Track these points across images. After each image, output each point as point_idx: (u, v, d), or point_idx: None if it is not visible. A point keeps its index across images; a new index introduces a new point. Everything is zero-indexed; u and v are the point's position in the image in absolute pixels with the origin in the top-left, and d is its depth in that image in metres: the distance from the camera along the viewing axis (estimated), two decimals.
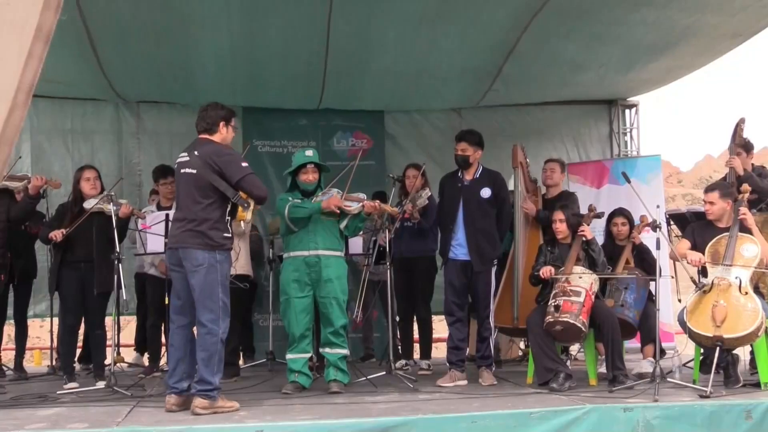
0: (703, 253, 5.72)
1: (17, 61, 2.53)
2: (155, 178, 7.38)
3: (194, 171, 4.97)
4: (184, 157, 5.08)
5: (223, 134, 5.15)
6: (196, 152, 5.02)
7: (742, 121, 6.55)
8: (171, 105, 8.76)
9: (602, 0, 6.91)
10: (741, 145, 6.48)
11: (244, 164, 5.06)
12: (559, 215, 6.15)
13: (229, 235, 5.03)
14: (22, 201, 6.40)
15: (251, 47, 7.28)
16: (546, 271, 5.93)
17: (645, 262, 6.45)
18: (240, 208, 5.04)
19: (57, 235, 6.14)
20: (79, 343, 7.25)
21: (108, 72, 7.80)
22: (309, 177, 5.95)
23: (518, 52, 7.82)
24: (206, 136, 5.12)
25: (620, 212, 6.72)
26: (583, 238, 6.03)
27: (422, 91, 8.57)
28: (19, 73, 2.52)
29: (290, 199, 5.92)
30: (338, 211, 5.76)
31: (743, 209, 5.75)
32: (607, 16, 7.20)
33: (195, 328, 5.04)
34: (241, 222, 5.14)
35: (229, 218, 5.03)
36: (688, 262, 5.72)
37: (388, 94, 8.64)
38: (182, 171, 5.04)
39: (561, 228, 6.12)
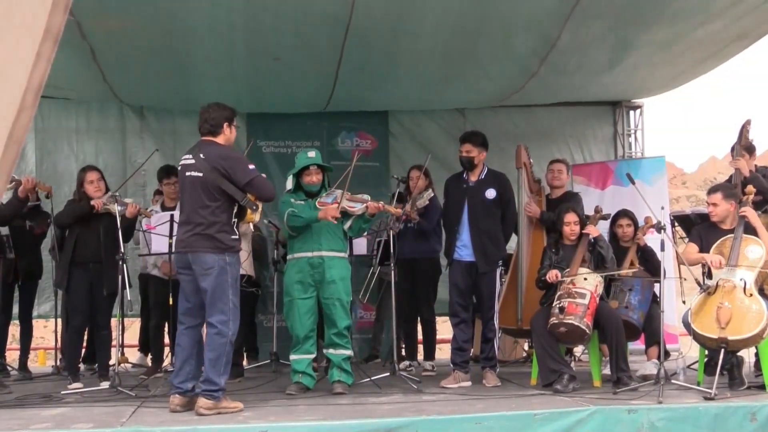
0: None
1: (26, 62, 2.53)
2: (159, 178, 7.39)
3: (200, 174, 4.95)
4: (188, 160, 5.05)
5: (227, 135, 5.14)
6: (201, 155, 5.00)
7: (748, 122, 6.53)
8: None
9: (610, 26, 6.92)
10: (744, 146, 6.47)
11: (251, 166, 5.06)
12: (572, 217, 6.12)
13: (237, 237, 5.05)
14: (9, 203, 6.39)
15: (255, 55, 7.26)
16: (552, 275, 5.92)
17: (649, 264, 6.44)
18: (249, 211, 5.03)
19: (98, 203, 6.15)
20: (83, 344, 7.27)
21: (110, 81, 7.81)
22: (312, 179, 5.94)
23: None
24: (210, 138, 5.10)
25: (624, 213, 6.71)
26: (591, 239, 6.02)
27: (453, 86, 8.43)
28: (28, 74, 2.52)
29: (292, 200, 5.93)
30: (335, 221, 5.75)
31: (745, 207, 5.73)
32: (613, 42, 7.21)
33: (204, 329, 5.05)
34: (250, 223, 5.15)
35: (236, 220, 5.03)
36: (709, 264, 5.69)
37: (405, 90, 8.46)
38: (187, 174, 5.02)
39: (576, 230, 6.09)
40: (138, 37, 6.66)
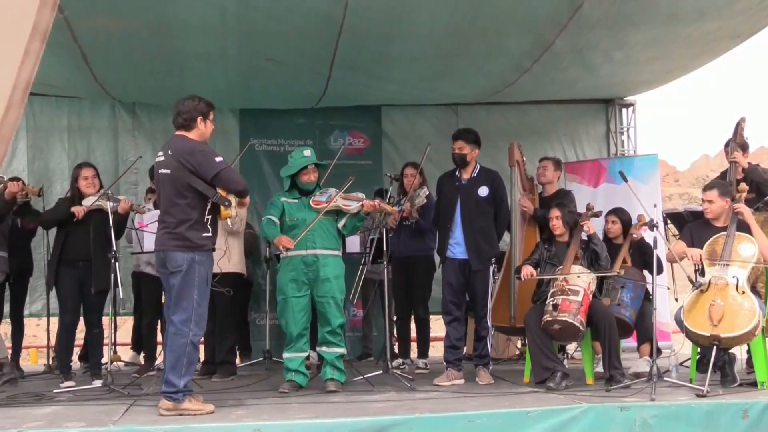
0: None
1: (14, 59, 2.50)
2: (151, 176, 7.38)
3: (169, 171, 4.86)
4: (160, 157, 4.98)
5: (201, 130, 4.99)
6: (170, 151, 4.90)
7: (743, 120, 6.53)
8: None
9: (605, 33, 6.94)
10: (739, 144, 6.48)
11: (218, 159, 4.91)
12: (555, 212, 6.15)
13: (209, 234, 4.91)
14: None
15: (248, 54, 7.23)
16: (526, 273, 5.94)
17: (647, 255, 6.40)
18: (222, 207, 4.89)
19: (79, 210, 6.12)
20: (79, 342, 7.25)
21: (101, 80, 7.79)
22: (310, 177, 5.97)
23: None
24: (182, 132, 4.97)
25: (612, 211, 6.73)
26: (585, 236, 6.03)
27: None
28: (16, 71, 2.50)
29: (284, 199, 5.98)
30: (284, 251, 5.74)
31: (739, 204, 5.74)
32: (607, 44, 7.23)
33: None
34: (228, 220, 5.03)
35: (210, 217, 4.90)
36: (689, 259, 5.71)
37: (398, 86, 8.41)
38: (160, 171, 4.95)
39: (557, 224, 6.12)
40: (129, 35, 6.61)
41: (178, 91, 7.92)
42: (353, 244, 7.28)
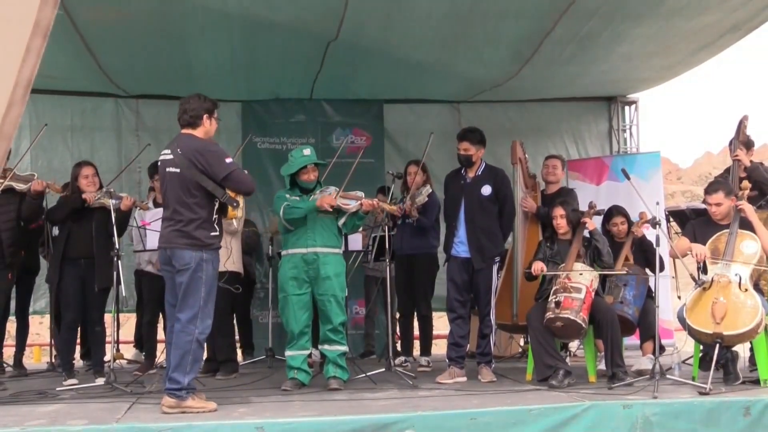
0: None
1: (15, 57, 2.51)
2: (150, 175, 7.37)
3: (178, 170, 4.89)
4: (167, 155, 4.99)
5: (207, 127, 5.05)
6: (179, 149, 4.92)
7: (745, 118, 6.54)
8: (170, 101, 8.70)
9: (605, 22, 6.94)
10: (743, 142, 6.48)
11: (228, 160, 4.96)
12: (559, 211, 6.15)
13: (217, 233, 4.95)
14: (26, 202, 6.39)
15: (250, 36, 7.17)
16: (537, 268, 5.93)
17: (648, 253, 6.40)
18: (230, 207, 4.93)
19: (90, 197, 6.12)
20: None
21: (105, 68, 7.72)
22: (310, 176, 5.96)
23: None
24: (189, 130, 5.02)
25: (618, 211, 6.71)
26: (586, 233, 6.03)
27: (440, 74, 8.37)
28: (17, 69, 2.51)
29: (287, 196, 5.95)
30: (331, 210, 5.75)
31: (741, 202, 5.72)
32: (608, 36, 7.22)
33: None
34: (233, 220, 5.04)
35: (217, 216, 4.94)
36: (692, 256, 5.70)
37: (393, 78, 8.42)
38: (167, 169, 4.96)
39: (561, 223, 6.12)
40: (131, 11, 6.53)
41: (180, 74, 7.88)
42: (355, 241, 7.28)
